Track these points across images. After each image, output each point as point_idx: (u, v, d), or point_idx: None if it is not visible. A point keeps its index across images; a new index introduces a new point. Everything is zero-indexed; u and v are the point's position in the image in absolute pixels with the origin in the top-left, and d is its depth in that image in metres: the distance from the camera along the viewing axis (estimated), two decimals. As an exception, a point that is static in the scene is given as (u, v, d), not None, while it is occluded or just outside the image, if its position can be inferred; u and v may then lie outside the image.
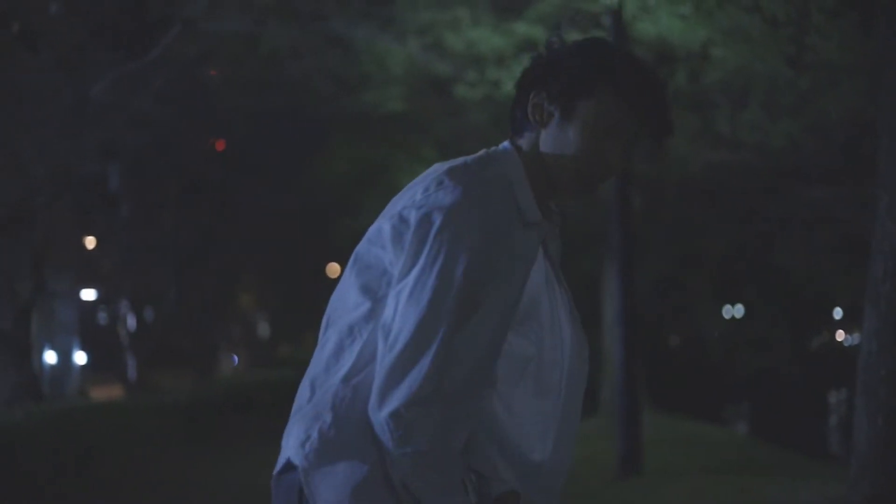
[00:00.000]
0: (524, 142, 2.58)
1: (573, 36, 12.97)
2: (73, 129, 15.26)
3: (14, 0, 13.64)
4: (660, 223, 20.71)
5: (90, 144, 16.19)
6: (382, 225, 2.45)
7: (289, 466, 2.45)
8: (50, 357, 32.41)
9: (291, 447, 2.44)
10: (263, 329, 47.91)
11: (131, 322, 31.22)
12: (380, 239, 2.45)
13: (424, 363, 2.32)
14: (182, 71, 17.42)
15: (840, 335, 48.80)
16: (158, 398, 21.53)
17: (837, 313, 45.90)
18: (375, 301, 2.45)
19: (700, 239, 22.82)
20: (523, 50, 14.39)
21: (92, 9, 14.85)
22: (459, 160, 2.53)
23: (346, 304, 2.52)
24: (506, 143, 2.59)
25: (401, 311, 2.35)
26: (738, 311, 40.55)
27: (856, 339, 40.20)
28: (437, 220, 2.36)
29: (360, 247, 2.53)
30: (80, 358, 35.70)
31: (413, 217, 2.38)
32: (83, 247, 28.61)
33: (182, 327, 34.36)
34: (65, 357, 34.48)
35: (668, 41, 12.32)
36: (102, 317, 35.35)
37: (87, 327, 35.96)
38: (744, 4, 9.94)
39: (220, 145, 29.31)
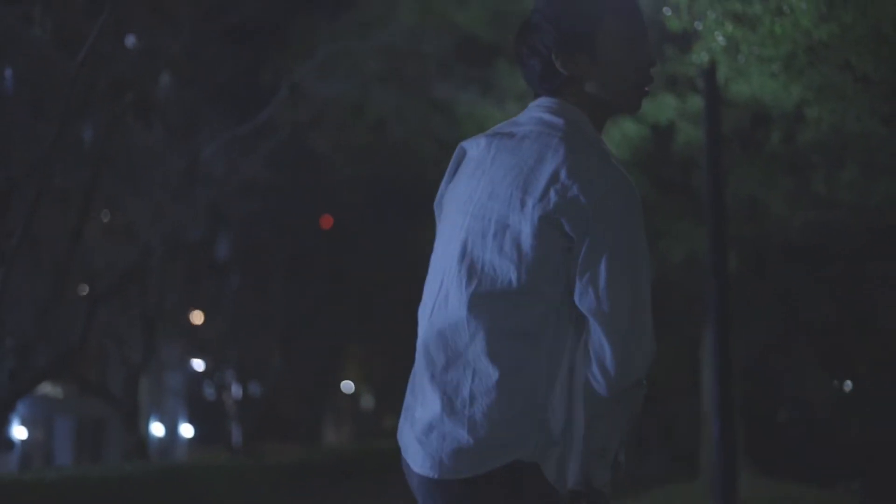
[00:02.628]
0: (570, 96, 2.70)
1: (668, 101, 13.13)
2: (183, 193, 15.74)
3: (128, 70, 14.16)
4: (761, 288, 20.64)
5: (200, 209, 16.67)
6: (543, 216, 2.48)
7: (514, 465, 2.48)
8: (157, 429, 32.93)
9: (522, 447, 2.49)
10: (368, 401, 48.10)
11: (237, 391, 31.62)
12: (547, 231, 2.48)
13: (650, 330, 2.51)
14: (290, 136, 17.91)
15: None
16: (263, 461, 21.81)
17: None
18: (552, 292, 2.51)
19: (803, 304, 22.63)
20: (619, 113, 14.66)
21: (203, 77, 15.34)
22: (553, 129, 2.62)
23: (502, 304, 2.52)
24: (552, 100, 2.71)
25: (611, 291, 2.47)
26: (847, 383, 39.76)
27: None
28: (615, 200, 2.48)
29: (516, 243, 2.52)
30: (186, 430, 36.22)
31: (587, 201, 2.46)
32: (191, 317, 29.10)
33: (288, 398, 34.69)
34: (172, 428, 35.03)
35: (762, 101, 12.44)
36: (210, 392, 35.83)
37: (194, 399, 36.49)
38: (835, 63, 10.06)
39: (328, 223, 29.68)
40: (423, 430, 2.57)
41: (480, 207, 2.62)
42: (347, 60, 16.41)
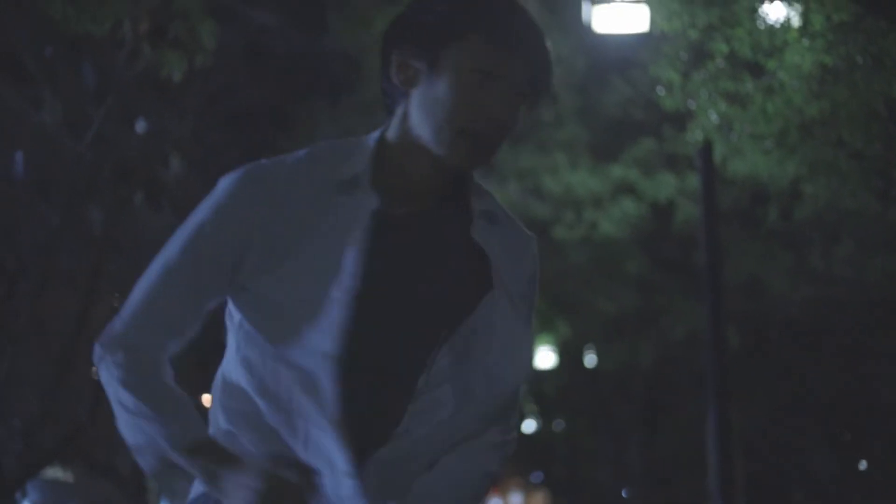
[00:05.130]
0: (396, 122, 2.31)
1: (667, 179, 13.33)
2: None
3: (134, 154, 14.39)
4: (764, 364, 20.67)
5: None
6: None
7: None
8: (168, 512, 32.93)
9: None
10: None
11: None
12: None
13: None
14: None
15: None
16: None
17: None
18: None
19: (807, 381, 22.62)
20: (620, 191, 14.89)
21: (209, 160, 15.55)
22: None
23: None
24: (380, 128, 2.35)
25: None
26: (862, 462, 39.25)
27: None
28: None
29: None
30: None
31: None
32: (201, 400, 29.17)
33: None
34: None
35: (758, 179, 12.61)
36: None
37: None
38: (827, 139, 10.22)
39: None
40: None
41: None
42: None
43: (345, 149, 2.32)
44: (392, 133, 2.31)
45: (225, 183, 2.27)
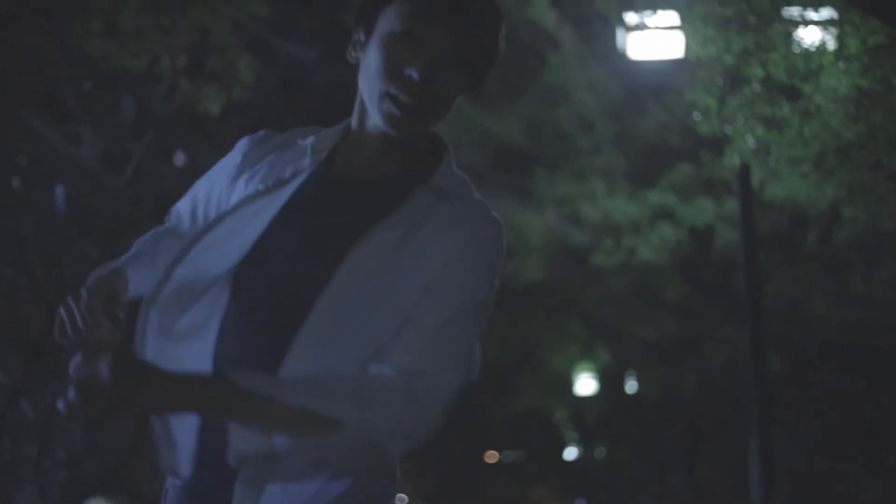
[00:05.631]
0: (356, 99, 2.46)
1: (705, 204, 13.27)
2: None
3: (173, 188, 14.47)
4: (806, 389, 20.53)
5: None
6: None
7: None
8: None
9: None
10: (421, 513, 47.60)
11: None
12: None
13: None
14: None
15: None
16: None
17: None
18: None
19: (851, 404, 22.44)
20: (658, 217, 14.88)
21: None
22: None
23: None
24: None
25: None
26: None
27: None
28: None
29: None
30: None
31: None
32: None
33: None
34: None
35: (797, 203, 12.58)
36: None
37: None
38: (865, 162, 10.17)
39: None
40: None
41: None
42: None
43: (326, 129, 2.51)
44: (354, 111, 2.42)
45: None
